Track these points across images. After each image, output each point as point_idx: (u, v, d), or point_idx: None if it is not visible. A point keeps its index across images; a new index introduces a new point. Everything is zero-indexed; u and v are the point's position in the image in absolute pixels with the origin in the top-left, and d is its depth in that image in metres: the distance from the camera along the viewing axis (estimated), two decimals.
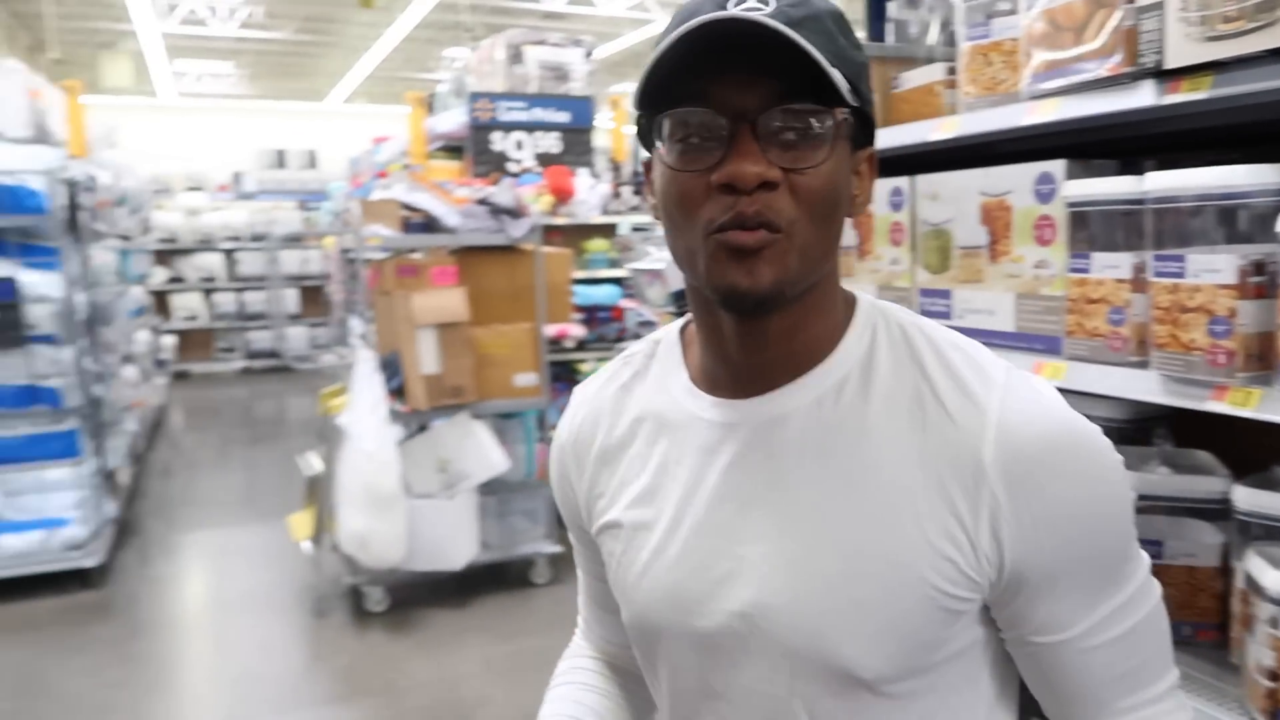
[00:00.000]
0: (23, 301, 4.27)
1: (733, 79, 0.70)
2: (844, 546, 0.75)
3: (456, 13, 14.74)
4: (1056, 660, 0.78)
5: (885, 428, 0.75)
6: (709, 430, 0.82)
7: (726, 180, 0.70)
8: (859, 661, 0.75)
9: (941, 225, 1.74)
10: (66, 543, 4.45)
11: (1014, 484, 0.72)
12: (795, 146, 0.71)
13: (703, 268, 0.73)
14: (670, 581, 0.83)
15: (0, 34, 15.91)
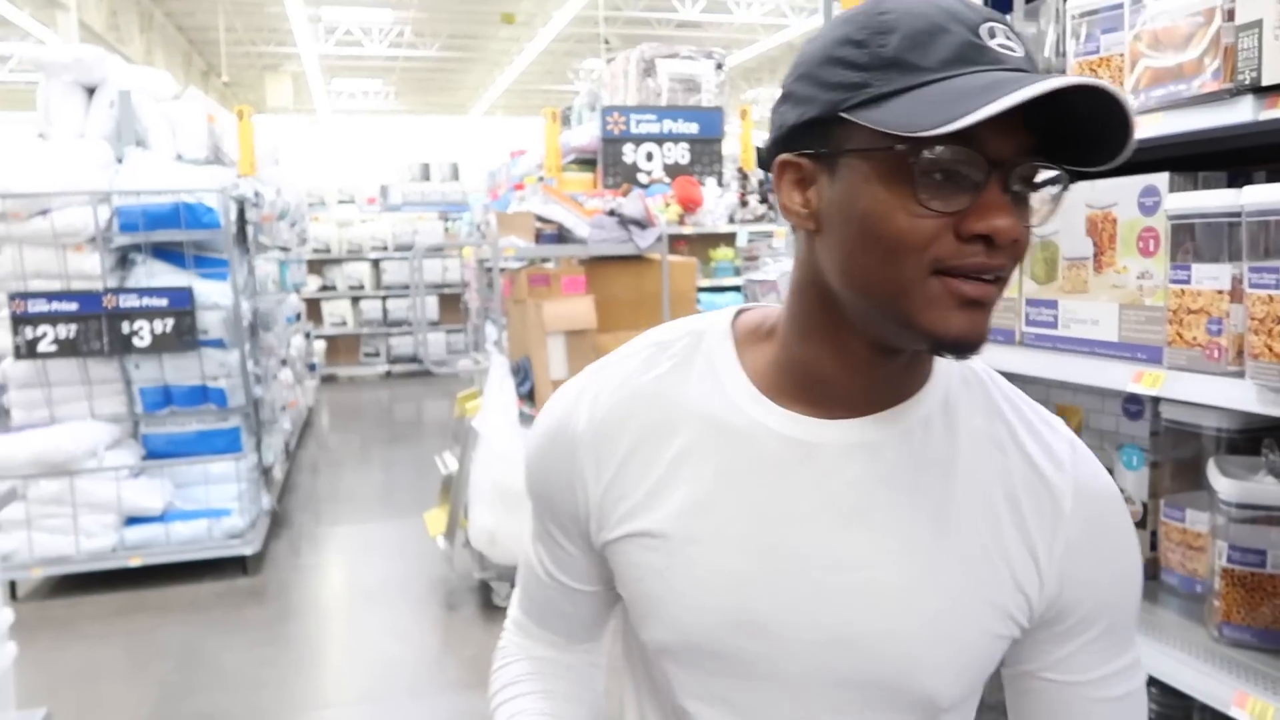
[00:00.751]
0: (197, 308, 4.68)
1: (998, 125, 0.63)
2: (941, 581, 0.76)
3: (593, 25, 15.11)
4: (1061, 701, 0.82)
5: (972, 466, 0.78)
6: (784, 445, 0.78)
7: (987, 232, 0.66)
8: (943, 690, 0.77)
9: (1049, 237, 1.76)
10: (228, 532, 4.84)
11: (1085, 531, 0.78)
12: (1024, 202, 0.69)
13: (915, 308, 0.68)
14: (736, 603, 0.78)
15: (178, 60, 17.28)
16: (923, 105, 0.64)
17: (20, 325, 4.49)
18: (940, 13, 0.67)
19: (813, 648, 0.77)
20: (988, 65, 0.65)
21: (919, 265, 0.67)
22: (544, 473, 0.87)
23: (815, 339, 0.77)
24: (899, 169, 0.67)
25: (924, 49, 0.66)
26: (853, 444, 0.77)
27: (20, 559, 4.46)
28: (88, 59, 4.90)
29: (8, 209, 4.46)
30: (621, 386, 0.83)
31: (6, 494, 2.37)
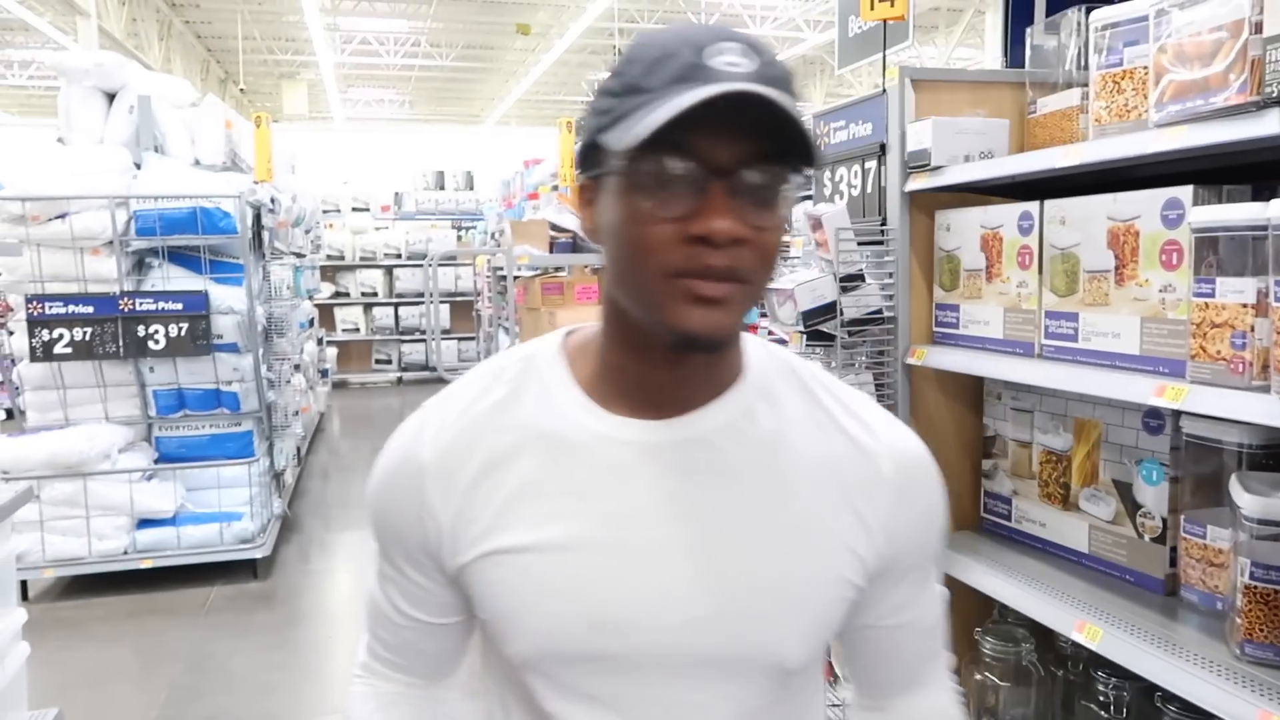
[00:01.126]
0: (212, 313, 4.70)
1: (714, 133, 0.71)
2: (778, 554, 0.82)
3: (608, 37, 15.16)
4: (894, 639, 0.93)
5: (796, 446, 0.84)
6: (622, 450, 0.82)
7: (704, 234, 0.72)
8: (792, 654, 0.84)
9: (1069, 249, 1.75)
10: (238, 535, 4.85)
11: (902, 491, 0.86)
12: (761, 205, 0.74)
13: (660, 307, 0.75)
14: (591, 606, 0.81)
15: (196, 68, 17.41)
16: (635, 122, 0.71)
17: (37, 327, 4.52)
18: (676, 40, 0.73)
19: (669, 635, 0.81)
20: (704, 82, 0.70)
21: (658, 268, 0.74)
22: (391, 507, 0.89)
23: (621, 345, 0.83)
24: (631, 182, 0.74)
25: (653, 73, 0.72)
26: (683, 440, 0.82)
27: (33, 559, 4.48)
28: (108, 65, 4.95)
29: (27, 212, 4.50)
30: (461, 416, 0.87)
31: (21, 494, 2.38)
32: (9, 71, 17.52)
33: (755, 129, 0.72)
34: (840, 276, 2.13)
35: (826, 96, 19.12)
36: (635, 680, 0.82)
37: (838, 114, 2.44)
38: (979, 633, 2.04)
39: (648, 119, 0.69)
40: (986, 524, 2.20)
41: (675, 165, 0.72)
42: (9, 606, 2.46)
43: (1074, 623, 1.65)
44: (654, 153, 0.71)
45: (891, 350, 2.18)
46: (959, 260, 2.07)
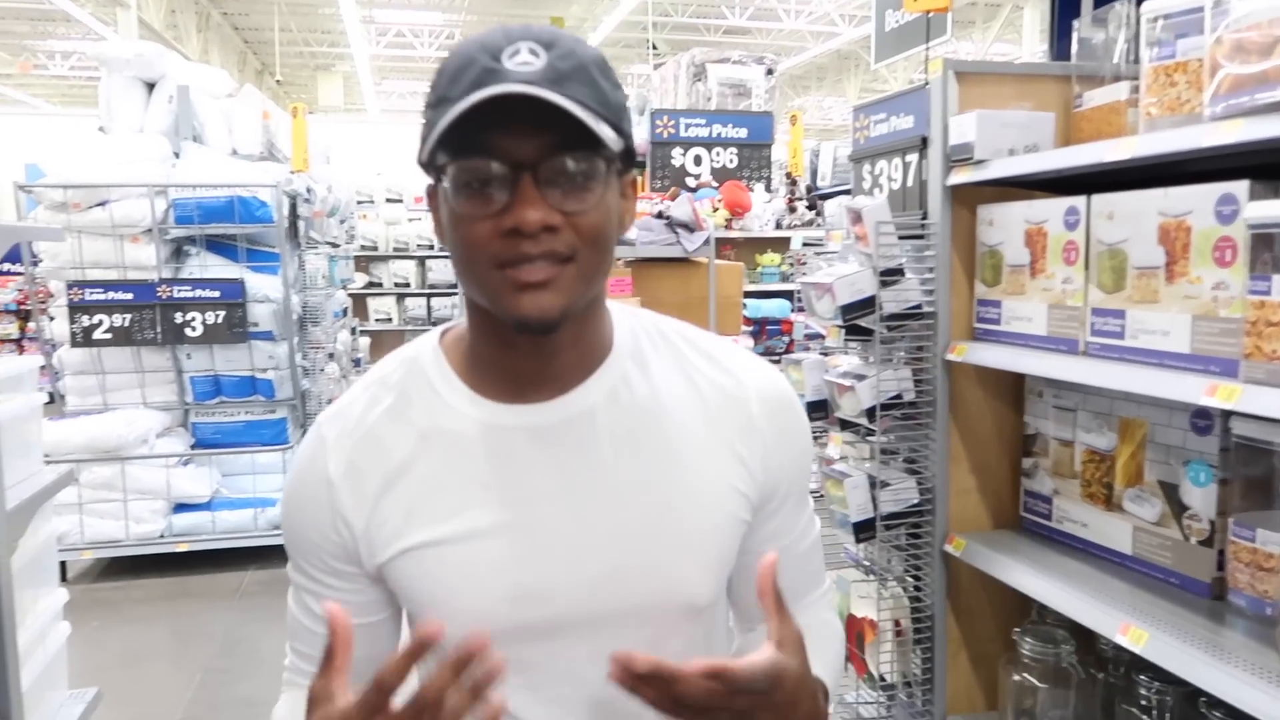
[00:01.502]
0: (248, 301, 4.74)
1: (513, 131, 0.77)
2: (673, 505, 0.89)
3: (641, 30, 15.13)
4: (782, 562, 0.96)
5: (672, 404, 0.91)
6: (513, 436, 0.88)
7: (513, 225, 0.77)
8: (699, 592, 0.91)
9: (1117, 245, 1.72)
10: (272, 521, 4.89)
11: (772, 427, 0.94)
12: (573, 190, 0.79)
13: (494, 298, 0.81)
14: (509, 583, 0.86)
15: (234, 59, 17.59)
16: (431, 136, 0.77)
17: (77, 313, 4.58)
18: (476, 47, 0.79)
19: (585, 596, 0.87)
20: (494, 84, 0.75)
21: (485, 262, 0.79)
22: (305, 521, 0.92)
23: (488, 337, 0.88)
24: (450, 186, 0.79)
25: (455, 83, 0.78)
26: (568, 417, 0.88)
27: (72, 540, 4.56)
28: (148, 54, 5.00)
29: (69, 199, 4.56)
30: (357, 427, 0.91)
31: (63, 477, 2.41)
32: (51, 62, 17.79)
33: (548, 123, 0.76)
34: (880, 271, 2.11)
35: (861, 92, 18.96)
36: (561, 643, 0.88)
37: (878, 107, 2.41)
38: (1018, 633, 2.02)
39: (437, 130, 0.76)
40: (1026, 523, 2.17)
41: (481, 166, 0.78)
42: (50, 587, 2.50)
43: (1118, 625, 1.62)
44: (463, 157, 0.78)
45: (931, 346, 2.15)
46: (1001, 255, 2.04)
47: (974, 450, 2.20)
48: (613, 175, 0.83)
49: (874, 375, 2.14)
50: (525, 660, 0.88)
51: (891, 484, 2.18)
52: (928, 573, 2.20)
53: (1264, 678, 1.39)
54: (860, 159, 2.51)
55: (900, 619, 2.25)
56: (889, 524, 2.19)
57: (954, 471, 2.18)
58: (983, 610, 2.23)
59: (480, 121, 0.75)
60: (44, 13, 13.57)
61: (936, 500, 2.17)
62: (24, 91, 19.57)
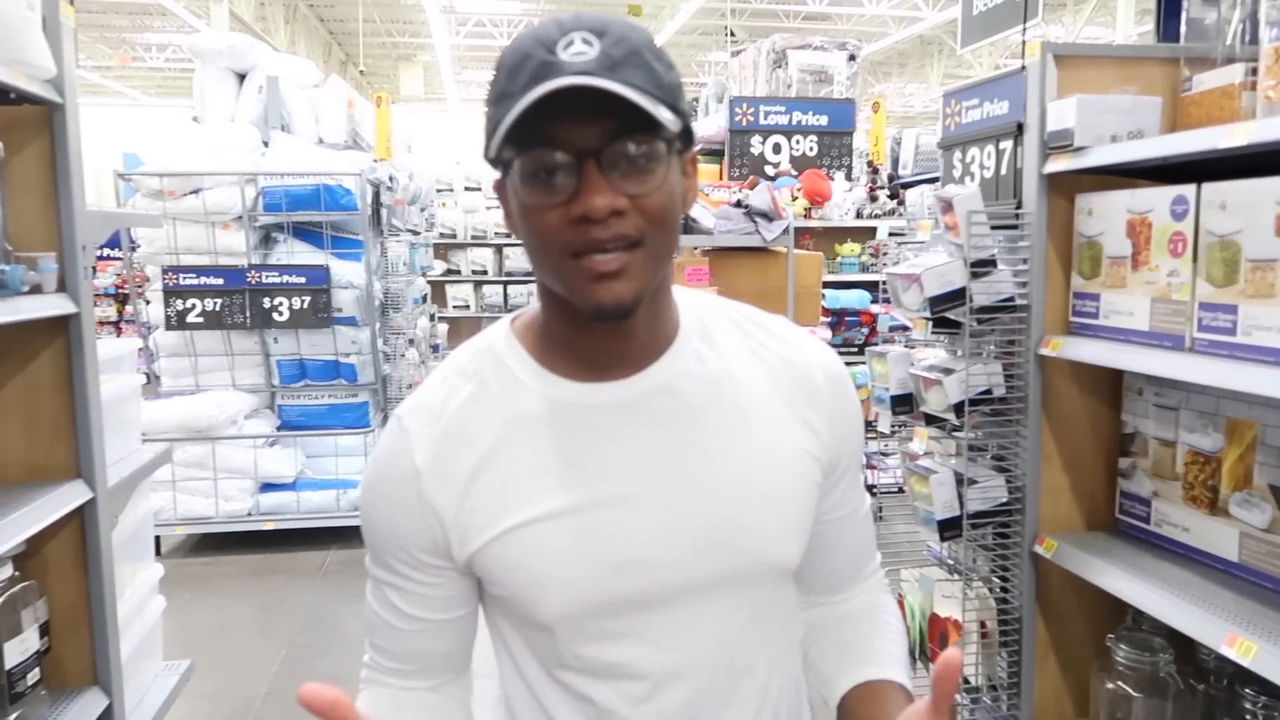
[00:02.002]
0: (332, 286, 4.85)
1: (574, 121, 0.78)
2: (755, 470, 0.91)
3: (719, 18, 15.01)
4: (839, 531, 1.03)
5: (741, 376, 0.94)
6: (596, 414, 0.90)
7: (581, 214, 0.79)
8: (789, 552, 0.94)
9: (1230, 236, 1.63)
10: (354, 503, 5.00)
11: (835, 398, 0.97)
12: (636, 173, 0.80)
13: (570, 287, 0.83)
14: (612, 553, 0.88)
15: (319, 51, 18.00)
16: (498, 132, 0.79)
17: (171, 297, 4.75)
18: (531, 41, 0.81)
19: (684, 563, 0.89)
20: (552, 77, 0.76)
21: (558, 252, 0.81)
22: (390, 513, 0.92)
23: (562, 320, 0.89)
24: (518, 179, 0.81)
25: (514, 78, 0.79)
26: (647, 392, 0.90)
27: (165, 517, 4.73)
28: (239, 46, 5.14)
29: (164, 187, 4.72)
30: (439, 419, 0.92)
31: (160, 455, 2.50)
32: (148, 54, 18.46)
33: (606, 110, 0.77)
34: (971, 262, 2.04)
35: (944, 78, 18.52)
36: (662, 610, 0.90)
37: (971, 92, 2.33)
38: (1112, 639, 1.94)
39: (502, 127, 0.78)
40: (1122, 526, 2.08)
41: (545, 157, 0.79)
42: (147, 561, 2.60)
43: (1224, 636, 1.55)
44: (527, 150, 0.80)
45: (1023, 340, 2.08)
46: (1101, 247, 1.96)
47: (1067, 448, 2.12)
48: (673, 155, 0.84)
49: (962, 369, 2.08)
50: (625, 632, 0.90)
51: (979, 481, 2.12)
52: (1016, 574, 2.14)
53: None
54: (951, 146, 2.43)
55: (986, 620, 2.19)
56: (975, 523, 2.12)
57: (1045, 470, 2.11)
58: (1074, 614, 2.16)
59: (541, 114, 0.77)
60: (141, 6, 14.07)
61: (1026, 499, 2.10)
62: (123, 83, 20.35)
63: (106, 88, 19.89)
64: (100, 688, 2.10)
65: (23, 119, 1.99)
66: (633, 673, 0.91)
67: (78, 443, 2.05)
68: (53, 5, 1.94)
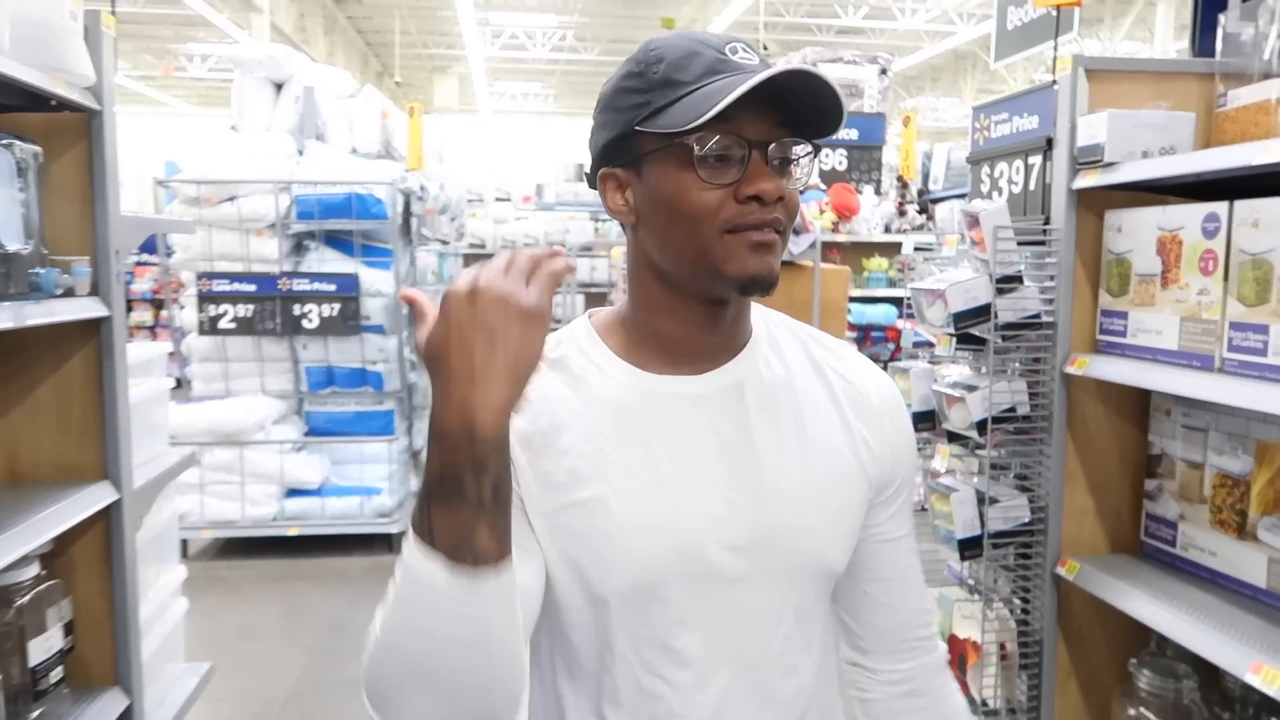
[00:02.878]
0: (361, 294, 4.89)
1: (752, 113, 0.86)
2: (813, 473, 0.96)
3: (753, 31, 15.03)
4: (887, 556, 1.05)
5: (804, 384, 1.00)
6: (671, 403, 0.95)
7: (756, 193, 0.87)
8: (838, 559, 0.99)
9: (1262, 255, 1.60)
10: (377, 510, 5.05)
11: (889, 418, 1.03)
12: (788, 170, 0.90)
13: (720, 259, 0.88)
14: (677, 533, 0.91)
15: (356, 61, 18.24)
16: (687, 107, 0.86)
17: (205, 303, 4.81)
18: (693, 42, 0.90)
19: (741, 553, 0.93)
20: (733, 72, 0.87)
21: (713, 228, 0.88)
22: None
23: (659, 311, 0.95)
24: (684, 158, 0.88)
25: (685, 68, 0.88)
26: (720, 389, 0.96)
27: (192, 520, 4.79)
28: (278, 56, 5.21)
29: (201, 194, 4.79)
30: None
31: (186, 458, 2.53)
32: (190, 64, 18.80)
33: (777, 103, 0.87)
34: (996, 278, 2.02)
35: (977, 93, 18.40)
36: (714, 597, 0.93)
37: (1000, 106, 2.32)
38: (1134, 664, 1.91)
39: (712, 101, 0.83)
40: (1147, 548, 2.05)
41: (727, 140, 0.87)
42: (171, 563, 2.63)
43: (1249, 664, 1.51)
44: (708, 132, 0.86)
45: (1049, 358, 2.05)
46: (1130, 264, 1.93)
47: (1092, 469, 2.09)
48: (811, 162, 0.93)
49: (986, 386, 2.06)
50: (679, 615, 0.93)
51: (1001, 500, 2.09)
52: (1037, 595, 2.10)
53: None
54: (979, 161, 2.41)
55: (1006, 642, 2.16)
56: (997, 542, 2.10)
57: (1069, 490, 2.07)
58: (1096, 638, 2.12)
59: (714, 100, 0.84)
60: (185, 18, 14.34)
61: (1049, 520, 2.07)
62: (166, 93, 20.74)
63: (150, 97, 20.27)
64: (121, 688, 2.12)
65: (62, 125, 2.03)
66: (680, 659, 0.93)
67: (105, 444, 2.08)
68: (94, 15, 1.99)
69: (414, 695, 0.76)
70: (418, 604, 0.74)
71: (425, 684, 0.76)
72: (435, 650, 0.75)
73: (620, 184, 0.94)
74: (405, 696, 0.77)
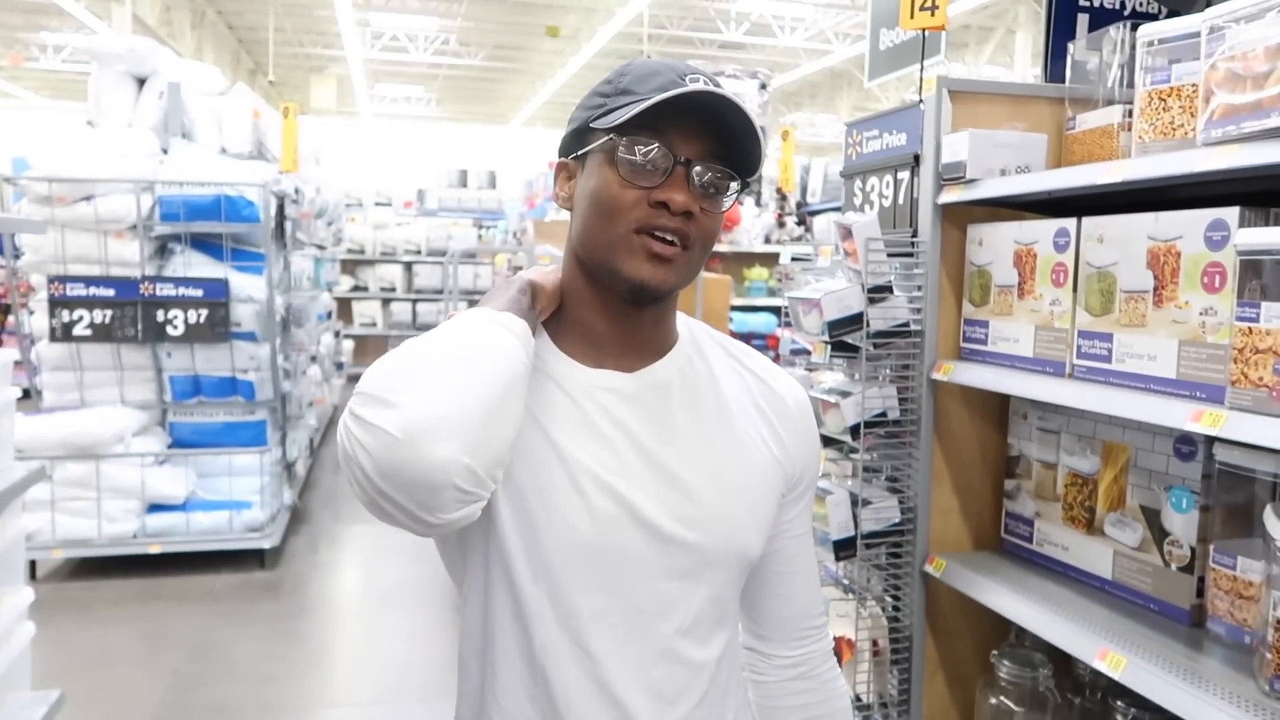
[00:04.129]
0: (231, 300, 4.70)
1: (686, 130, 0.95)
2: (733, 464, 1.04)
3: (637, 42, 15.17)
4: (789, 553, 1.14)
5: (727, 386, 1.08)
6: (608, 395, 1.01)
7: (665, 199, 0.94)
8: (755, 547, 1.06)
9: (1106, 268, 1.71)
10: (248, 524, 4.84)
11: (801, 421, 1.11)
12: (710, 193, 0.97)
13: (621, 259, 0.95)
14: (600, 500, 0.97)
15: (227, 58, 17.52)
16: (625, 110, 0.94)
17: (57, 308, 4.53)
18: (661, 65, 0.99)
19: (665, 532, 0.99)
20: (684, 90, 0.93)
21: (624, 224, 0.95)
22: None
23: (582, 301, 1.02)
24: (613, 156, 0.95)
25: (643, 82, 0.96)
26: (649, 385, 1.03)
27: (42, 539, 4.49)
28: (140, 50, 4.96)
29: (53, 193, 4.51)
30: None
31: (34, 473, 2.37)
32: (42, 54, 17.68)
33: (713, 133, 0.95)
34: (868, 288, 2.10)
35: (853, 110, 19.06)
36: (634, 573, 0.98)
37: (871, 123, 2.40)
38: (995, 656, 2.00)
39: (640, 104, 0.92)
40: (1007, 545, 2.16)
41: (651, 146, 0.94)
42: (16, 585, 2.45)
43: (1096, 650, 1.61)
44: (638, 135, 0.94)
45: (917, 365, 2.14)
46: (990, 275, 2.04)
47: (957, 470, 2.19)
48: (736, 197, 1.00)
49: (859, 392, 2.13)
50: (599, 585, 0.97)
51: (873, 502, 2.16)
52: (907, 593, 2.19)
53: (1242, 706, 1.38)
54: (852, 175, 2.50)
55: (878, 639, 2.23)
56: (870, 543, 2.17)
57: (936, 491, 2.17)
58: (961, 632, 2.22)
59: (665, 113, 0.92)
60: (38, 6, 13.49)
61: (918, 520, 2.15)
62: (15, 85, 19.44)
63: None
64: None
65: None
66: (593, 631, 0.98)
67: None
68: None
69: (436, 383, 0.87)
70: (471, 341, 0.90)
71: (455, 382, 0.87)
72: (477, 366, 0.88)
73: (569, 174, 1.04)
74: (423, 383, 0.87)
